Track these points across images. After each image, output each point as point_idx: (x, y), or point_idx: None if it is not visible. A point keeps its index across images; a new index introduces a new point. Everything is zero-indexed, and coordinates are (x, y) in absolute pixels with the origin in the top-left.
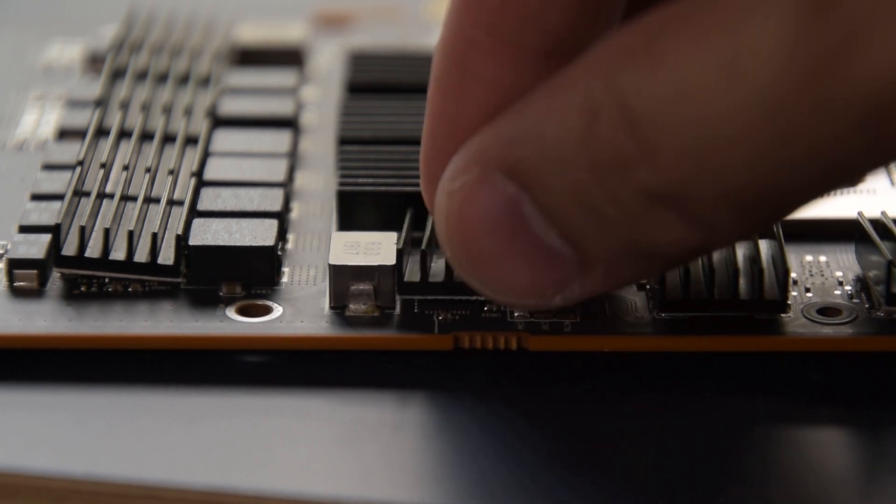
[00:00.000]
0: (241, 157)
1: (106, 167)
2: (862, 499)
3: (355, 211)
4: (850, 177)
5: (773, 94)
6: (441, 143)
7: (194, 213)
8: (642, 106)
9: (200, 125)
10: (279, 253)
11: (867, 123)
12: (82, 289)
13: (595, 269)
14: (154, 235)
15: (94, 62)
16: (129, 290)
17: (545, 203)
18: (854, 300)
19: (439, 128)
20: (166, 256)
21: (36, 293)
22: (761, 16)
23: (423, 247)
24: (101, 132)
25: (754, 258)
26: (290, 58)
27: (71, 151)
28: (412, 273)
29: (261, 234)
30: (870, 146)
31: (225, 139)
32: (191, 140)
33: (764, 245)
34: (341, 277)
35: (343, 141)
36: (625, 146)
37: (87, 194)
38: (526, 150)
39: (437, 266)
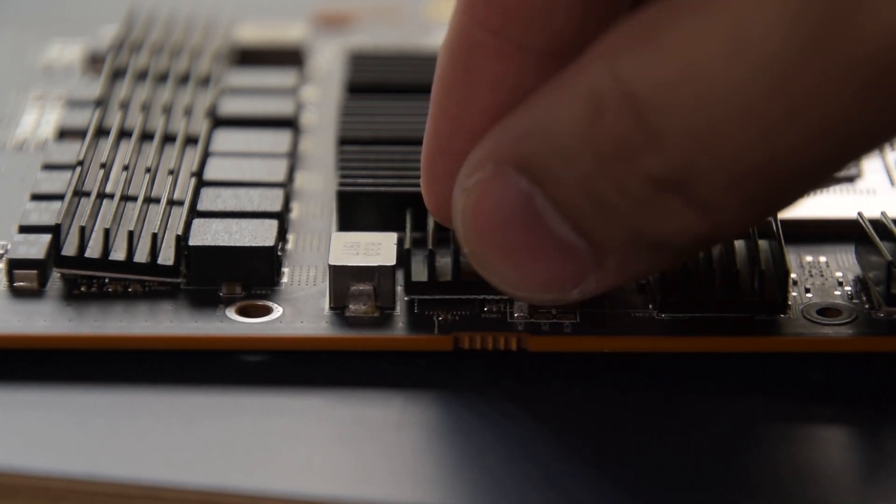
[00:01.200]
0: (241, 157)
1: (106, 167)
2: (862, 499)
3: (355, 211)
4: (857, 150)
5: (778, 64)
6: (444, 141)
7: (194, 213)
8: (646, 90)
9: (200, 125)
10: (279, 253)
11: (875, 84)
12: (82, 289)
13: (608, 261)
14: (154, 236)
15: (94, 62)
16: (129, 290)
17: (556, 196)
18: (854, 301)
19: (442, 126)
20: (166, 257)
21: (36, 293)
22: None
23: (430, 246)
24: (101, 132)
25: (754, 259)
26: (290, 58)
27: (71, 151)
28: (418, 273)
29: (261, 234)
30: (878, 111)
31: (225, 139)
32: (191, 140)
33: (764, 245)
34: (341, 278)
35: (343, 141)
36: (629, 134)
37: (87, 194)
38: (534, 145)
39: (443, 265)
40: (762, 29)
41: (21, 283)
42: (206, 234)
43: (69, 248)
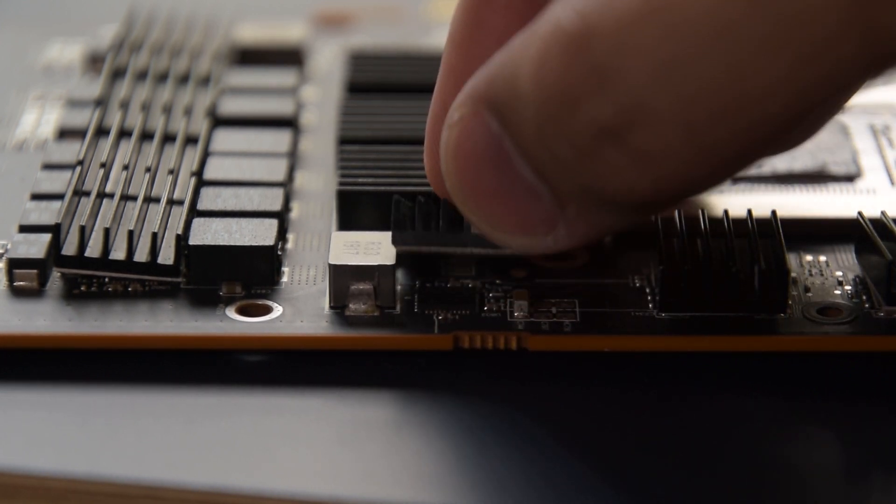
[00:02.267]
0: (241, 156)
1: (106, 167)
2: (861, 498)
3: (355, 211)
4: (828, 90)
5: None
6: (450, 98)
7: (194, 212)
8: (606, 26)
9: (200, 125)
10: (279, 253)
11: (859, 4)
12: (82, 288)
13: (568, 210)
14: (154, 235)
15: (94, 62)
16: (129, 289)
17: (518, 140)
18: (854, 300)
19: (449, 84)
20: (166, 256)
21: (36, 293)
22: None
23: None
24: (101, 132)
25: (754, 258)
26: (290, 58)
27: (71, 151)
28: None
29: (261, 233)
30: (858, 37)
31: (225, 139)
32: (191, 140)
33: (764, 244)
34: (341, 277)
35: (343, 141)
36: (575, 76)
37: (87, 194)
38: (501, 86)
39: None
40: None
41: (21, 283)
42: (206, 233)
43: (69, 248)
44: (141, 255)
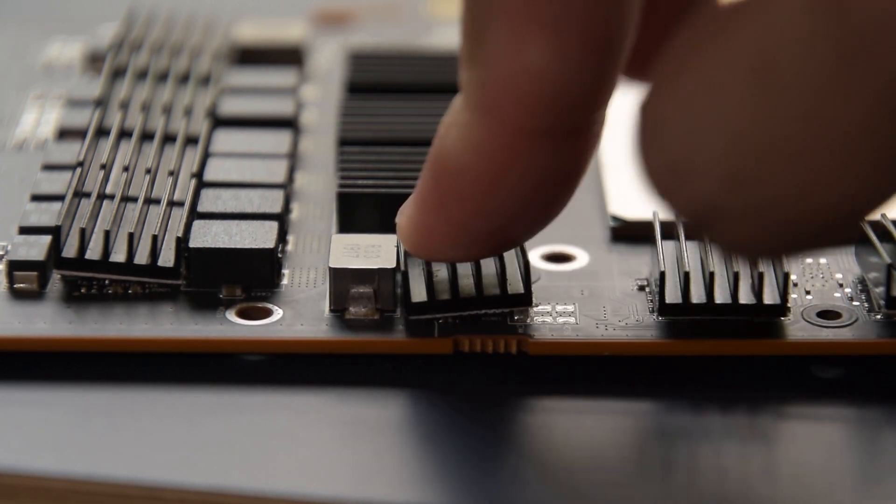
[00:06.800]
0: (242, 157)
1: (106, 168)
2: (862, 501)
3: (355, 213)
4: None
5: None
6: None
7: (194, 214)
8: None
9: (200, 125)
10: (279, 255)
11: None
12: (82, 291)
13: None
14: (154, 237)
15: (94, 61)
16: (130, 292)
17: None
18: (854, 303)
19: None
20: (166, 258)
21: (36, 295)
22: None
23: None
24: (101, 132)
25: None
26: (290, 57)
27: (71, 152)
28: (418, 293)
29: (261, 236)
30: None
31: (225, 140)
32: (191, 140)
33: None
34: (341, 280)
35: (343, 142)
36: None
37: (88, 195)
38: None
39: (441, 281)
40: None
41: (21, 285)
42: (207, 235)
43: (69, 250)
44: (141, 257)
